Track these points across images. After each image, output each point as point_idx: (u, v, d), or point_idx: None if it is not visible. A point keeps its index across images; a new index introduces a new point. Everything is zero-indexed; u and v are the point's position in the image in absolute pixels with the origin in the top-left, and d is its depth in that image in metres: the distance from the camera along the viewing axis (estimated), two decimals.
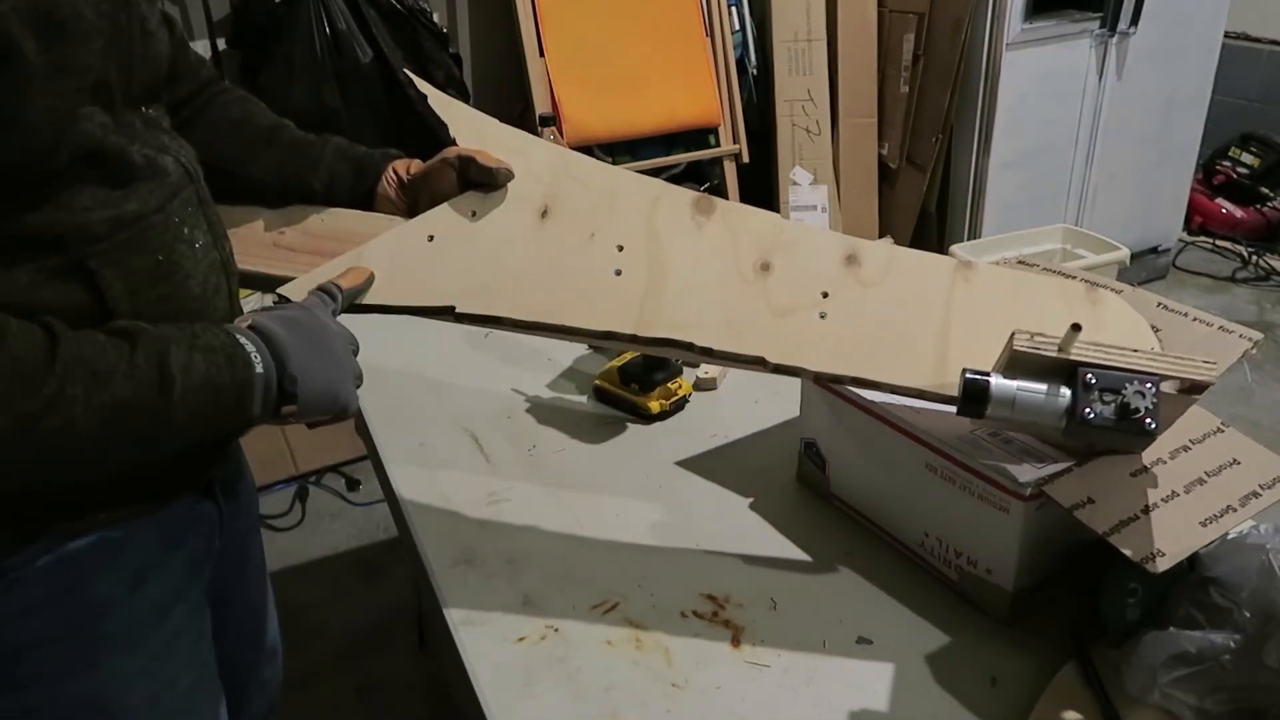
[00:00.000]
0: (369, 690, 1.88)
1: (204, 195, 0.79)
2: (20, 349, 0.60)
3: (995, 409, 0.72)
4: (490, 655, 0.84)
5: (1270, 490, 0.78)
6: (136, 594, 0.77)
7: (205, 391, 0.68)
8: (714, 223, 0.89)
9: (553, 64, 2.68)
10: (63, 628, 0.74)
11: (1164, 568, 0.71)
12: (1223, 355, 0.92)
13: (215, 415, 0.69)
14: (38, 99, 0.63)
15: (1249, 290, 3.42)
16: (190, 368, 0.67)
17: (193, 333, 0.69)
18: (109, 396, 0.63)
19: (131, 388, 0.64)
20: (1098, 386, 0.68)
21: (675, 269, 0.86)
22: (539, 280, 0.86)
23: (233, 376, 0.69)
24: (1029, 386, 0.71)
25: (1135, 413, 0.67)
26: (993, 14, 2.76)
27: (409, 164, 0.96)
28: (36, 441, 0.61)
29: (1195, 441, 0.83)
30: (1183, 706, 0.73)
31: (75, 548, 0.73)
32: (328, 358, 0.75)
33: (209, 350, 0.69)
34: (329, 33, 2.39)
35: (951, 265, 0.87)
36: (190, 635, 0.84)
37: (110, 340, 0.65)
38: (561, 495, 1.06)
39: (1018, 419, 0.72)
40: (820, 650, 0.84)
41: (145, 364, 0.65)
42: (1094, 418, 0.68)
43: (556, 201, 0.90)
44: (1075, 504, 0.76)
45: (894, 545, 0.95)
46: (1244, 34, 3.73)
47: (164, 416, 0.66)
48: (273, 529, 2.30)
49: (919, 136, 3.03)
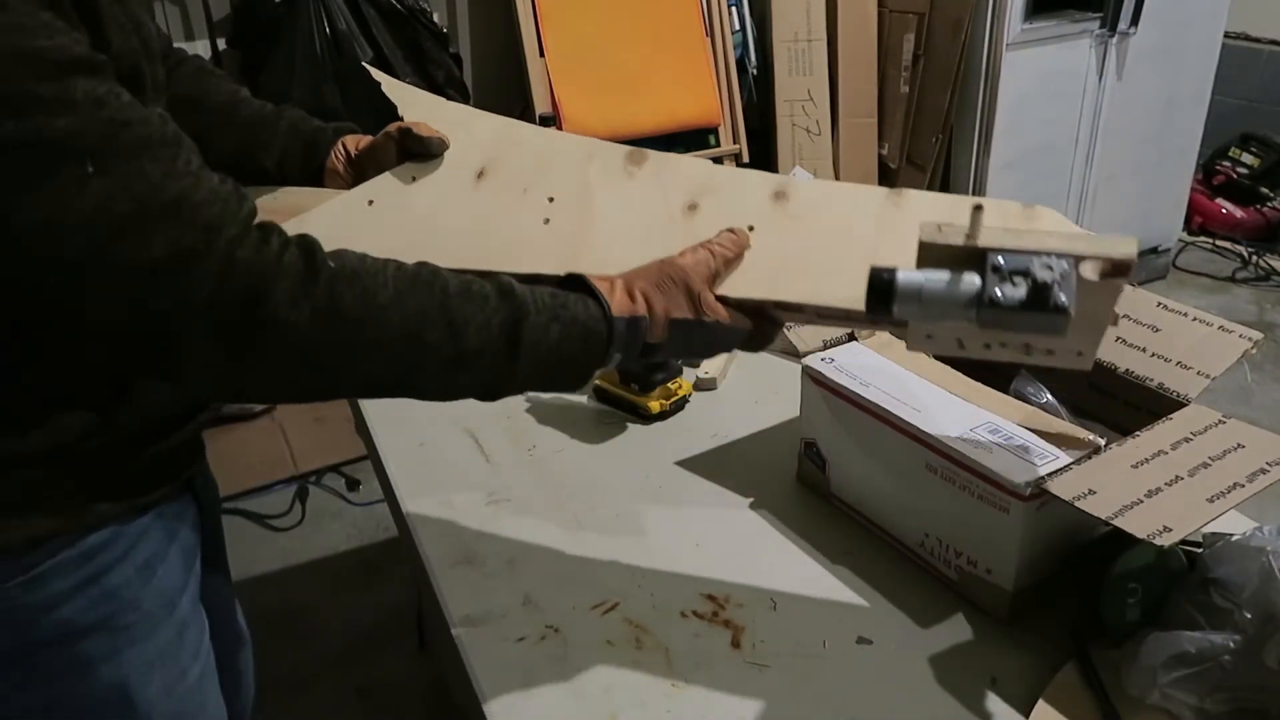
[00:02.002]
0: (369, 690, 1.88)
1: None
2: (377, 277, 0.66)
3: (902, 303, 0.67)
4: (490, 655, 0.84)
5: (1278, 467, 0.78)
6: (149, 585, 0.79)
7: (551, 361, 0.72)
8: (645, 171, 0.90)
9: (553, 64, 2.68)
10: (85, 620, 0.75)
11: (1171, 542, 0.70)
12: (1223, 355, 0.92)
13: (558, 379, 0.74)
14: (145, 82, 0.67)
15: (1249, 290, 3.42)
16: (542, 340, 0.70)
17: (560, 301, 0.72)
18: (460, 346, 0.68)
19: (479, 343, 0.68)
20: (1007, 269, 0.64)
21: (603, 214, 0.88)
22: (470, 233, 0.89)
23: (584, 351, 0.73)
24: (936, 276, 0.67)
25: (1046, 289, 0.63)
26: (993, 14, 2.76)
27: (358, 139, 0.97)
28: (384, 367, 0.67)
29: (1197, 433, 0.83)
30: (1183, 707, 0.73)
31: (94, 541, 0.74)
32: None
33: (570, 322, 0.72)
34: (329, 32, 2.39)
35: (883, 193, 0.86)
36: (195, 626, 0.86)
37: (476, 290, 0.70)
38: (561, 495, 1.06)
39: (928, 313, 0.67)
40: (820, 650, 0.84)
41: (500, 325, 0.69)
42: (1002, 299, 0.63)
43: (494, 164, 0.93)
44: (1077, 495, 0.76)
45: (894, 545, 0.95)
46: (1244, 34, 3.73)
47: (511, 374, 0.71)
48: (273, 529, 2.29)
49: (919, 136, 3.03)
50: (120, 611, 0.77)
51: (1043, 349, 0.71)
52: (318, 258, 0.64)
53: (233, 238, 0.61)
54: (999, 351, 0.72)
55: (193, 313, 0.61)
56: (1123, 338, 0.96)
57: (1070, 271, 0.64)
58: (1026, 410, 0.90)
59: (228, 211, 0.62)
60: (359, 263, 0.66)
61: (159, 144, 0.61)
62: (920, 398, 0.91)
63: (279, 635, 1.96)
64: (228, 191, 0.64)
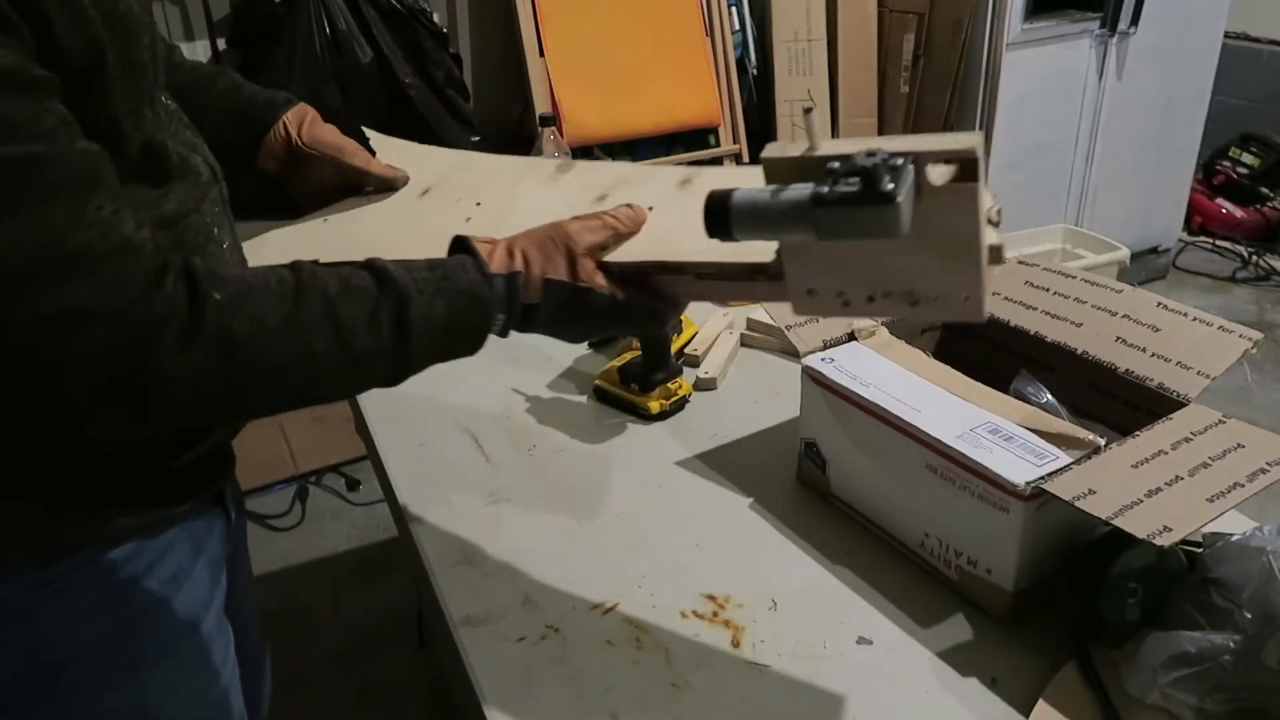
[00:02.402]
0: (369, 690, 1.88)
1: (225, 195, 0.79)
2: (264, 298, 0.63)
3: (739, 222, 0.65)
4: (490, 655, 0.84)
5: (1278, 467, 0.78)
6: (172, 602, 0.77)
7: (442, 336, 0.70)
8: (569, 177, 0.94)
9: (553, 64, 2.68)
10: (105, 637, 0.74)
11: (1171, 542, 0.70)
12: (1223, 355, 0.92)
13: (456, 349, 0.72)
14: (119, 104, 0.61)
15: (1249, 290, 3.42)
16: (430, 318, 0.68)
17: (440, 274, 0.70)
18: (352, 350, 0.66)
19: (369, 342, 0.66)
20: (841, 171, 0.60)
21: (521, 211, 0.90)
22: (403, 236, 0.95)
23: (473, 318, 0.71)
24: (770, 188, 0.65)
25: (872, 176, 0.59)
26: (993, 14, 2.76)
27: (301, 119, 0.96)
28: (282, 388, 0.65)
29: (1197, 433, 0.83)
30: (1183, 707, 0.73)
31: (115, 556, 0.72)
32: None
33: (455, 293, 0.70)
34: (329, 33, 2.39)
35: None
36: (220, 641, 0.84)
37: (357, 285, 0.67)
38: (561, 495, 1.06)
39: (766, 228, 0.65)
40: (820, 650, 0.84)
41: (387, 317, 0.67)
42: (830, 194, 0.60)
43: (440, 184, 1.00)
44: (1077, 495, 0.76)
45: (894, 545, 0.95)
46: (1244, 34, 3.73)
47: (407, 360, 0.69)
48: (273, 529, 2.30)
49: None
50: (143, 628, 0.75)
51: (928, 296, 0.66)
52: (201, 291, 0.60)
53: (129, 295, 0.57)
54: (884, 304, 0.68)
55: (84, 368, 0.57)
56: (1123, 338, 0.96)
57: (906, 168, 0.60)
58: (1026, 410, 0.90)
59: (130, 266, 0.58)
60: (242, 286, 0.63)
61: (72, 187, 0.56)
62: (920, 397, 0.91)
63: (279, 635, 1.95)
64: (139, 241, 0.59)
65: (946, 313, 0.67)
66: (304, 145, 0.95)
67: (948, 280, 0.65)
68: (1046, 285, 1.06)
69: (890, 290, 0.68)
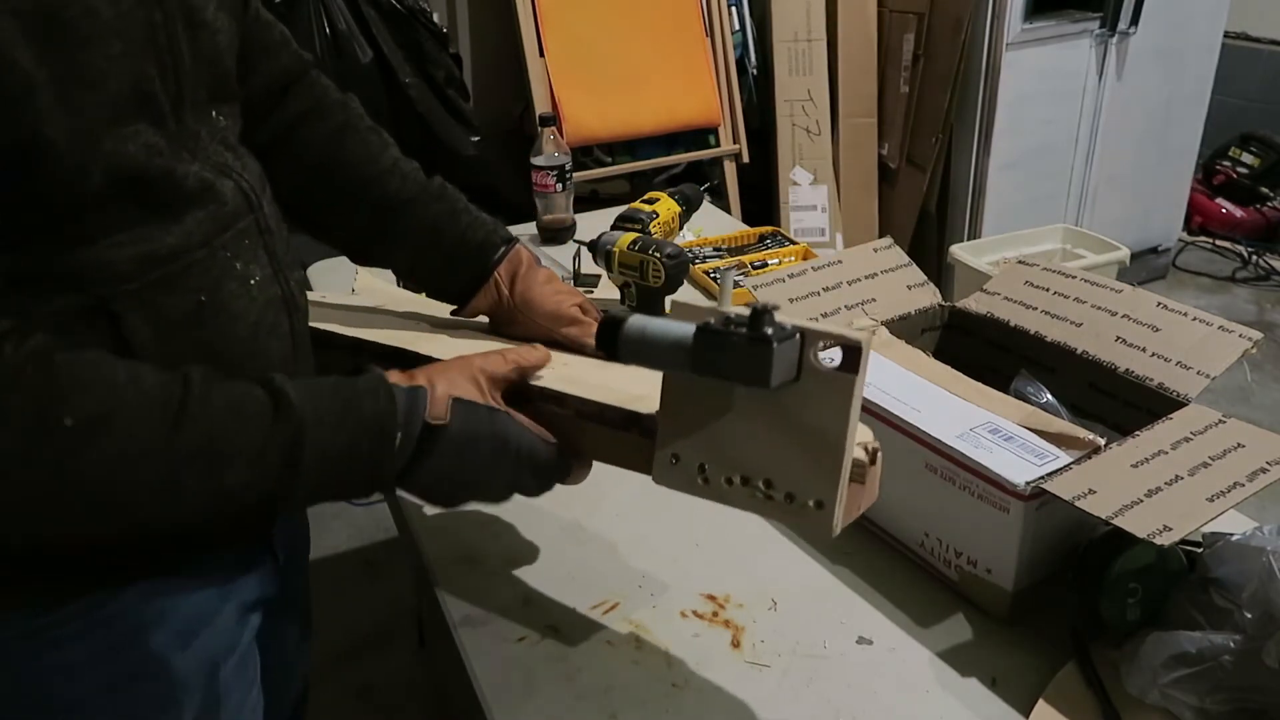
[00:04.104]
0: (369, 690, 1.88)
1: (266, 224, 0.71)
2: (132, 423, 0.56)
3: (627, 343, 0.65)
4: (490, 655, 0.84)
5: (1278, 466, 0.78)
6: (186, 651, 0.70)
7: (332, 470, 0.63)
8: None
9: (553, 64, 2.68)
10: (105, 687, 0.68)
11: (1171, 542, 0.70)
12: (1223, 355, 0.92)
13: (338, 490, 0.65)
14: (52, 118, 0.54)
15: (1249, 290, 3.43)
16: (325, 454, 0.62)
17: (347, 399, 0.64)
18: (224, 481, 0.59)
19: (250, 475, 0.60)
20: (736, 320, 0.62)
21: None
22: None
23: (374, 447, 0.64)
24: (663, 319, 0.65)
25: (759, 319, 0.60)
26: (993, 14, 2.76)
27: (514, 272, 0.87)
28: (124, 520, 0.59)
29: (1197, 433, 0.83)
30: (1183, 707, 0.73)
31: (118, 605, 0.66)
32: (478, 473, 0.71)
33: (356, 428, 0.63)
34: (329, 33, 2.39)
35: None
36: (239, 690, 0.77)
37: (250, 412, 0.60)
38: (561, 495, 1.05)
39: (650, 353, 0.65)
40: (820, 650, 0.84)
41: (275, 451, 0.60)
42: (713, 327, 0.61)
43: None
44: (1077, 495, 0.76)
45: (894, 545, 0.95)
46: (1244, 34, 3.73)
47: (289, 495, 0.63)
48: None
49: (919, 136, 3.03)
50: (146, 683, 0.69)
51: (783, 490, 0.66)
52: (50, 415, 0.54)
53: None
54: (740, 491, 0.68)
55: None
56: (1123, 337, 0.96)
57: (795, 334, 0.61)
58: (1026, 410, 0.90)
59: None
60: (106, 403, 0.56)
61: None
62: (920, 397, 0.91)
63: None
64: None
65: (799, 517, 0.66)
66: (515, 306, 0.88)
67: (805, 478, 0.65)
68: (1046, 285, 1.06)
69: (749, 475, 0.68)
